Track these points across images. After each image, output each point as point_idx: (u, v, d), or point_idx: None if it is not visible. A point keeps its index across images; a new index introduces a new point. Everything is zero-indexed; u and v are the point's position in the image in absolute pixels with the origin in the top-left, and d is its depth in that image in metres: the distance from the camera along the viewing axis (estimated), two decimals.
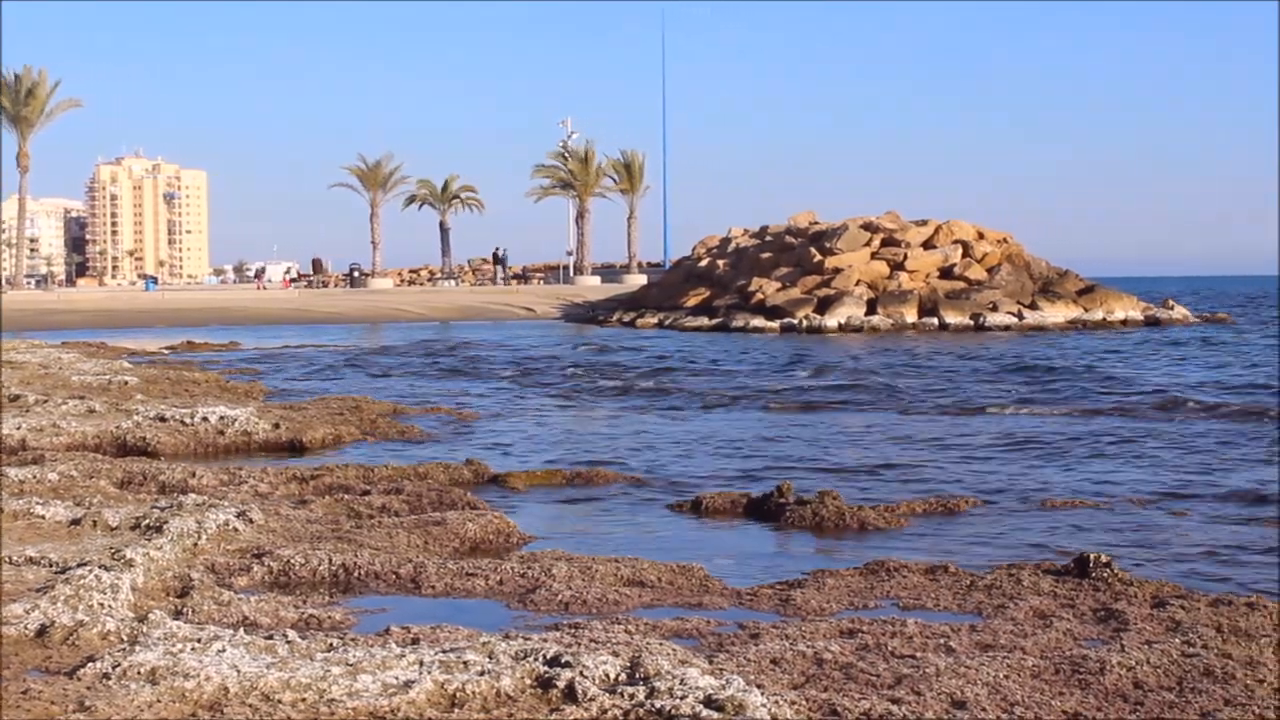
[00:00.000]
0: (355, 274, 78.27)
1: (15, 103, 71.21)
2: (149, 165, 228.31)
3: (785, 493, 10.22)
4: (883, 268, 46.54)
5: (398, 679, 5.16)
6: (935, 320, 43.44)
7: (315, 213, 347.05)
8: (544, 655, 5.43)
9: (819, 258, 47.25)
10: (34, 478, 10.32)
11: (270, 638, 5.75)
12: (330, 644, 5.70)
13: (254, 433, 14.18)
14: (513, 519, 9.46)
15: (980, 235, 48.20)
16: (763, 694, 5.05)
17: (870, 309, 44.47)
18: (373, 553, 8.06)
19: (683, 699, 4.94)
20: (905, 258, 46.58)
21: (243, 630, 5.89)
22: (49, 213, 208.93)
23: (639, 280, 65.75)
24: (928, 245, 47.42)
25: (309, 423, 15.00)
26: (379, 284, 74.90)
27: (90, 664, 5.35)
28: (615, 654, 5.51)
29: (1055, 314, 44.96)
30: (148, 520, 8.50)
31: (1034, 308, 45.16)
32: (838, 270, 46.38)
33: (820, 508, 9.86)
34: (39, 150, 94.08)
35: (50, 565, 7.28)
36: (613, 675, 5.27)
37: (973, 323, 43.32)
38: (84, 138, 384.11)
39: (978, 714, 5.08)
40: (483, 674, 5.23)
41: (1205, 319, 50.40)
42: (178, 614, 6.52)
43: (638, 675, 5.25)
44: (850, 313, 44.02)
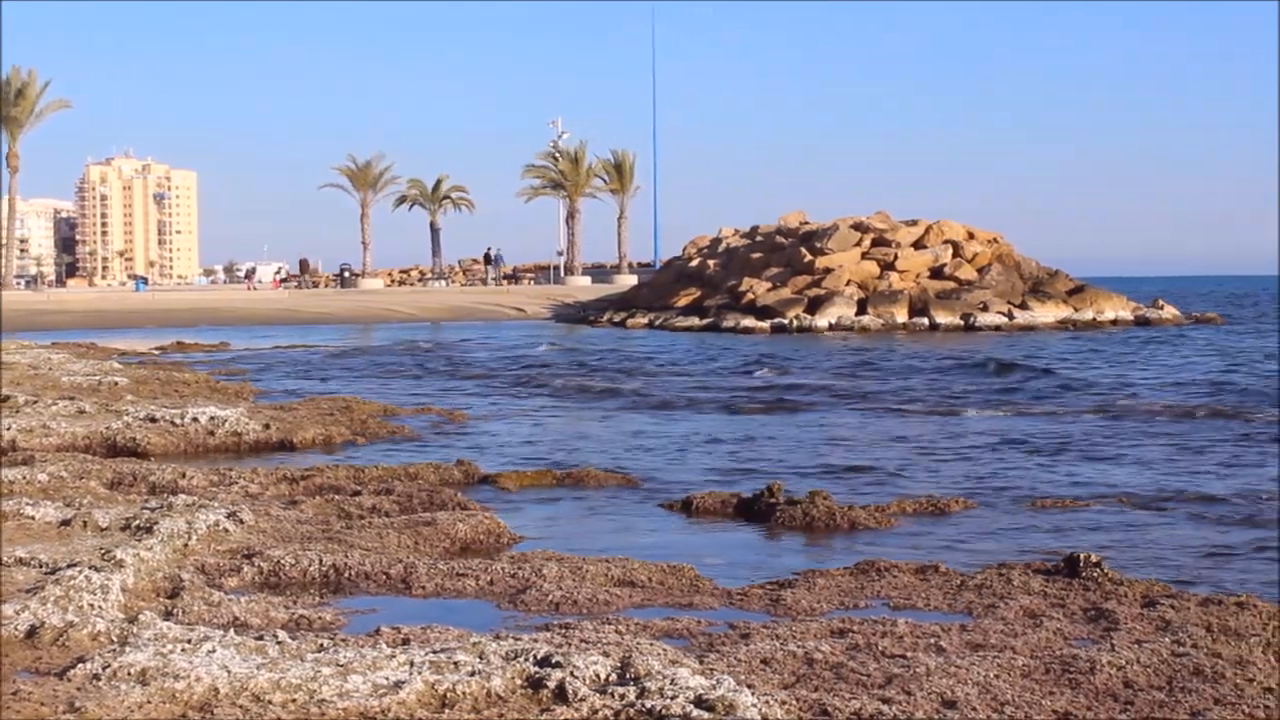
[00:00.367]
0: (345, 274, 78.18)
1: (5, 103, 71.10)
2: (139, 165, 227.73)
3: (775, 493, 10.22)
4: (873, 268, 46.61)
5: (388, 679, 5.16)
6: (925, 320, 43.51)
7: (305, 213, 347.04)
8: (534, 655, 5.43)
9: (809, 258, 47.30)
10: (24, 478, 10.30)
11: (260, 638, 5.74)
12: (321, 644, 5.70)
13: (244, 433, 14.17)
14: (503, 519, 9.46)
15: (970, 235, 48.31)
16: (753, 694, 5.06)
17: (861, 309, 44.55)
18: (363, 553, 8.05)
19: (673, 699, 4.94)
20: (896, 258, 46.66)
21: (233, 631, 5.88)
22: (39, 213, 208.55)
23: (629, 280, 65.78)
24: (918, 245, 47.51)
25: (299, 423, 14.99)
26: (369, 284, 74.90)
27: (80, 665, 5.34)
28: (606, 654, 5.51)
29: (1045, 314, 45.07)
30: (138, 521, 8.49)
31: (1024, 308, 45.26)
32: (828, 270, 46.44)
33: (810, 508, 9.87)
34: (28, 150, 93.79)
35: (40, 566, 7.26)
36: (603, 675, 5.27)
37: (963, 323, 43.39)
38: (74, 138, 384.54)
39: (968, 713, 5.09)
40: (473, 674, 5.23)
41: (1195, 319, 50.51)
42: (168, 615, 6.51)
43: (628, 675, 5.26)
44: (841, 313, 44.09)
